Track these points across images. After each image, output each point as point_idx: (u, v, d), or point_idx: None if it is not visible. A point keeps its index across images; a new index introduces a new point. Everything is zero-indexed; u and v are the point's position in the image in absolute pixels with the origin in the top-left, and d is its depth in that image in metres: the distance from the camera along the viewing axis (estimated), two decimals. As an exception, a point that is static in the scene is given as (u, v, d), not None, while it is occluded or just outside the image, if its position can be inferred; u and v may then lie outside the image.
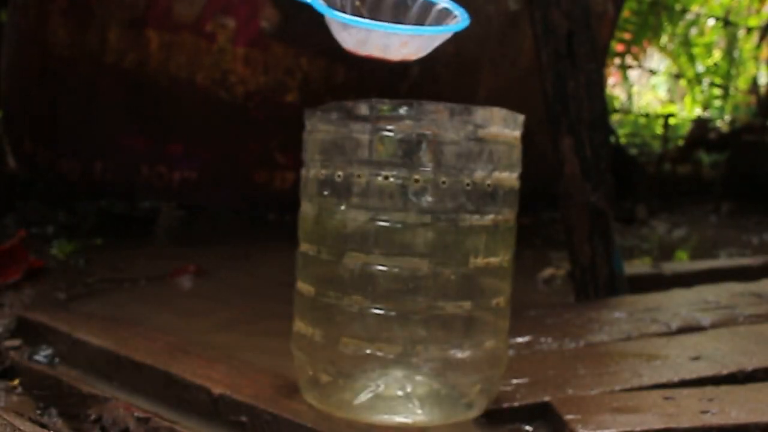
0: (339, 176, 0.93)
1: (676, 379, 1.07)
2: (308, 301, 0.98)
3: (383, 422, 0.93)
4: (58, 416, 1.03)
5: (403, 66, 1.48)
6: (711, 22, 4.93)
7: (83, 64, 2.22)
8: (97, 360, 1.16)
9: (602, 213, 1.59)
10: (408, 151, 0.90)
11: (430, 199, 0.90)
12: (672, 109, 5.63)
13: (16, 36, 2.37)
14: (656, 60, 5.46)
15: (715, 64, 4.99)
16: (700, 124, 4.92)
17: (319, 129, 0.97)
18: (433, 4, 0.99)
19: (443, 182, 0.90)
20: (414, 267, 0.91)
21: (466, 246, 0.93)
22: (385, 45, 0.93)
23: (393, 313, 0.92)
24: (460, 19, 0.96)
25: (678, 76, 5.02)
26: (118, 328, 1.28)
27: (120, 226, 2.51)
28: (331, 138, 0.95)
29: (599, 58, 2.14)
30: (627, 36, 4.49)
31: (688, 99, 5.46)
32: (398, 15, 0.98)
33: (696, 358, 1.15)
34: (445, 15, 0.98)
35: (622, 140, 4.77)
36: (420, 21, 0.99)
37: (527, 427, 0.99)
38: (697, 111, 5.31)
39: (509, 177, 0.96)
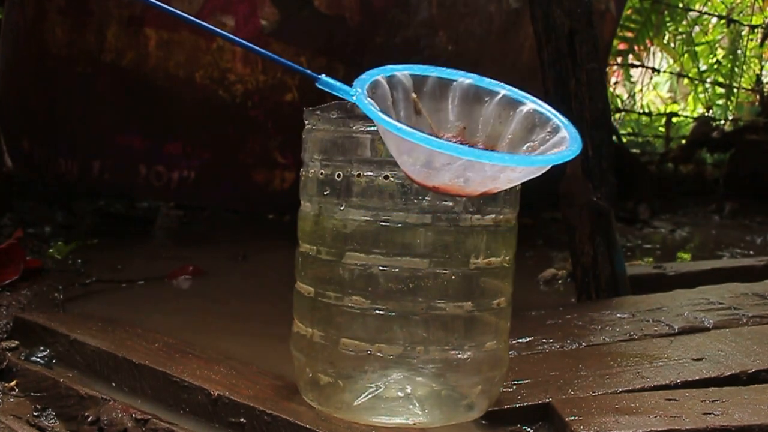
0: (339, 176, 0.92)
1: (678, 380, 1.06)
2: (307, 301, 0.97)
3: (383, 423, 0.92)
4: (56, 418, 1.02)
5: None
6: (714, 20, 4.92)
7: (81, 62, 2.21)
8: (95, 361, 1.16)
9: (604, 213, 1.58)
10: (408, 150, 0.89)
11: (430, 198, 0.89)
12: (674, 108, 5.62)
13: (13, 34, 2.36)
14: (659, 58, 5.45)
15: (718, 62, 4.97)
16: (703, 123, 4.91)
17: (318, 128, 0.96)
18: (517, 104, 0.81)
19: (444, 181, 0.89)
20: (414, 267, 0.90)
21: (467, 246, 0.92)
22: (466, 178, 0.74)
23: (393, 314, 0.91)
24: (562, 127, 0.77)
25: (681, 75, 5.00)
26: (116, 329, 1.27)
27: (118, 226, 2.50)
28: (331, 137, 0.94)
29: (601, 56, 2.13)
30: (629, 34, 4.47)
31: (690, 98, 5.44)
32: (471, 119, 0.84)
33: (699, 359, 1.14)
34: (534, 122, 0.81)
35: (624, 139, 4.76)
36: (500, 132, 0.82)
37: (528, 429, 0.98)
38: (700, 110, 5.30)
39: (510, 176, 0.95)
